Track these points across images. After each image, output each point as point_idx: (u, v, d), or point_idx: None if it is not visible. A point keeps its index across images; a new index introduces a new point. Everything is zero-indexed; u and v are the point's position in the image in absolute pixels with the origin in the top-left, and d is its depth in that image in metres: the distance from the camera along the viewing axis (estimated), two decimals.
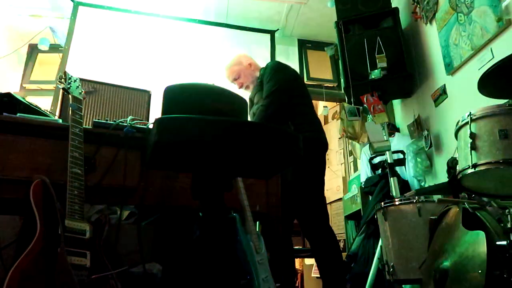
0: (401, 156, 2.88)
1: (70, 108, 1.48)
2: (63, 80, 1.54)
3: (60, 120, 1.65)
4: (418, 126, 3.12)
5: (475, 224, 1.28)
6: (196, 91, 1.34)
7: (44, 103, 3.60)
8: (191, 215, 1.91)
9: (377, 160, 3.24)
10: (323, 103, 5.24)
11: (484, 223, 1.26)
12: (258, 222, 2.05)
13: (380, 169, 3.06)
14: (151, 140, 1.12)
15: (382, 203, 2.09)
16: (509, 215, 1.20)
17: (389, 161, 2.71)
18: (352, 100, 3.12)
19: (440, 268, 1.34)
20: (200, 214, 1.27)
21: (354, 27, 3.25)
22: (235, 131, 1.11)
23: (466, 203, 1.37)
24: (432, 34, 3.02)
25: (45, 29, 4.05)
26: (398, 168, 2.82)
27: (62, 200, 1.30)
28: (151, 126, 1.64)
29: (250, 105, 2.50)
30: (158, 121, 1.08)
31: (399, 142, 3.26)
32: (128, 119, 1.64)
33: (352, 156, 4.64)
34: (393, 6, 3.27)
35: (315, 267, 4.03)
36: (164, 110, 1.23)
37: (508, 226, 1.19)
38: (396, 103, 3.62)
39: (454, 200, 1.53)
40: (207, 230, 1.24)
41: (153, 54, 3.92)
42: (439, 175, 2.85)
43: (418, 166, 2.97)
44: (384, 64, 2.98)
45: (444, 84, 2.84)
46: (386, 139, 2.72)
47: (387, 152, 2.71)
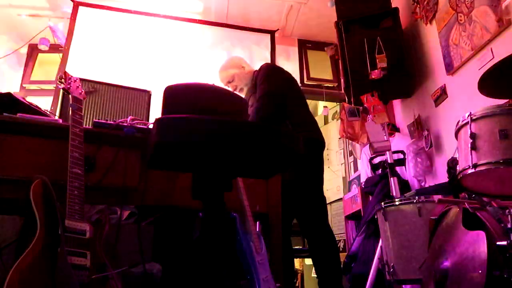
0: (401, 156, 2.89)
1: (70, 108, 1.48)
2: (63, 80, 1.54)
3: (60, 120, 1.65)
4: (418, 126, 3.12)
5: (475, 224, 1.28)
6: (196, 91, 1.34)
7: (44, 103, 3.60)
8: (191, 215, 1.91)
9: (377, 160, 3.24)
10: (323, 103, 5.24)
11: (484, 223, 1.25)
12: (258, 222, 2.05)
13: (380, 169, 3.06)
14: (151, 140, 1.12)
15: (382, 203, 2.09)
16: (509, 215, 1.20)
17: (389, 161, 2.71)
18: (352, 100, 3.12)
19: (440, 268, 1.34)
20: (200, 214, 1.27)
21: (354, 27, 3.25)
22: (235, 131, 1.11)
23: (466, 203, 1.37)
24: (432, 34, 3.02)
25: (45, 29, 4.04)
26: (398, 168, 2.83)
27: (62, 200, 1.30)
28: (151, 126, 1.65)
29: None
30: (158, 121, 1.08)
31: (399, 142, 3.27)
32: (128, 119, 1.64)
33: (352, 156, 4.64)
34: (393, 6, 3.27)
35: None
36: (164, 110, 1.22)
37: (508, 226, 1.19)
38: (396, 103, 3.62)
39: (454, 200, 1.53)
40: (207, 230, 1.24)
41: (153, 54, 3.92)
42: (439, 175, 2.85)
43: (418, 166, 2.97)
44: (384, 64, 2.98)
45: (444, 84, 2.84)
46: (386, 139, 2.72)
47: (387, 152, 2.71)
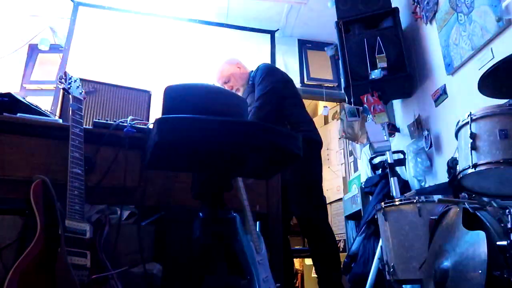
0: (401, 156, 2.89)
1: (71, 108, 1.48)
2: (63, 80, 1.54)
3: (61, 120, 1.65)
4: (418, 126, 3.12)
5: (476, 224, 1.28)
6: (196, 91, 1.34)
7: (44, 103, 3.60)
8: (191, 215, 1.91)
9: (377, 160, 3.24)
10: (323, 103, 5.24)
11: (484, 223, 1.26)
12: (258, 222, 2.05)
13: (380, 169, 3.06)
14: (151, 140, 1.12)
15: (383, 203, 2.09)
16: (509, 215, 1.20)
17: (389, 161, 2.71)
18: (352, 100, 3.12)
19: (440, 268, 1.34)
20: (200, 214, 1.27)
21: (354, 27, 3.25)
22: (235, 131, 1.11)
23: (467, 203, 1.37)
24: (432, 34, 3.02)
25: (45, 29, 4.04)
26: (398, 168, 2.82)
27: (63, 200, 1.30)
28: (151, 126, 1.65)
29: None
30: (158, 121, 1.08)
31: (399, 142, 3.27)
32: (128, 119, 1.64)
33: (352, 156, 4.64)
34: (393, 6, 3.27)
35: None
36: (164, 110, 1.22)
37: (509, 226, 1.19)
38: (396, 103, 3.62)
39: (454, 200, 1.53)
40: (207, 230, 1.24)
41: (153, 54, 3.92)
42: (439, 175, 2.85)
43: (418, 166, 2.97)
44: (384, 64, 2.98)
45: (444, 84, 2.84)
46: (386, 139, 2.73)
47: (387, 152, 2.71)
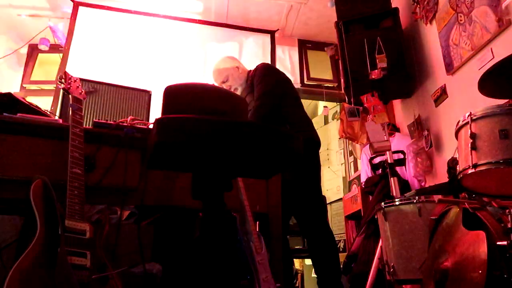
0: (401, 156, 2.88)
1: (70, 108, 1.48)
2: (63, 80, 1.54)
3: (61, 120, 1.65)
4: (418, 126, 3.12)
5: (476, 224, 1.28)
6: (196, 91, 1.34)
7: (44, 103, 3.61)
8: (191, 215, 1.91)
9: (377, 160, 3.23)
10: (323, 103, 5.24)
11: (484, 223, 1.26)
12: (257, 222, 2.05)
13: (380, 169, 3.05)
14: (151, 140, 1.12)
15: (383, 203, 2.09)
16: (509, 215, 1.20)
17: (389, 161, 2.71)
18: (352, 100, 3.13)
19: (441, 268, 1.34)
20: (200, 214, 1.27)
21: (354, 27, 3.25)
22: (235, 131, 1.11)
23: (467, 203, 1.37)
24: (432, 34, 3.02)
25: (45, 29, 4.04)
26: (398, 168, 2.82)
27: (62, 200, 1.30)
28: (151, 126, 1.65)
29: None
30: (158, 121, 1.08)
31: (399, 142, 3.26)
32: (128, 119, 1.64)
33: (352, 156, 4.64)
34: (393, 6, 3.27)
35: None
36: (164, 110, 1.22)
37: (509, 226, 1.19)
38: (396, 103, 3.62)
39: (454, 200, 1.53)
40: (207, 230, 1.24)
41: (153, 54, 3.92)
42: (439, 175, 2.85)
43: (418, 166, 2.97)
44: (384, 64, 2.98)
45: (444, 84, 2.84)
46: (386, 139, 2.72)
47: (387, 152, 2.70)
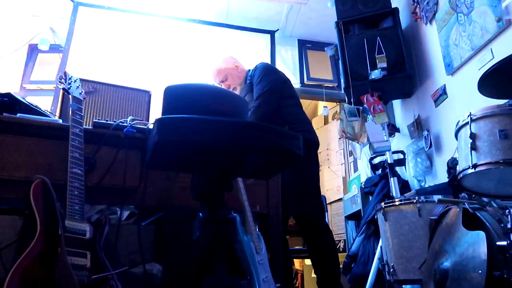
0: (401, 156, 2.89)
1: (70, 108, 1.48)
2: (63, 80, 1.54)
3: (60, 120, 1.65)
4: (418, 126, 3.12)
5: (475, 224, 1.28)
6: (196, 91, 1.34)
7: (44, 103, 3.60)
8: (191, 215, 1.90)
9: (377, 160, 3.24)
10: (323, 103, 5.24)
11: (484, 223, 1.26)
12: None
13: (380, 169, 3.06)
14: (151, 140, 1.12)
15: (383, 203, 2.09)
16: (509, 215, 1.20)
17: (389, 161, 2.71)
18: (352, 100, 3.13)
19: (440, 269, 1.34)
20: (200, 214, 1.27)
21: (354, 27, 3.25)
22: (235, 131, 1.11)
23: (466, 203, 1.37)
24: (432, 34, 3.02)
25: (45, 29, 4.04)
26: (398, 168, 2.83)
27: (62, 200, 1.30)
28: (151, 126, 1.65)
29: None
30: (158, 121, 1.08)
31: (399, 142, 3.27)
32: (128, 119, 1.64)
33: (352, 156, 4.64)
34: (393, 6, 3.27)
35: None
36: (164, 110, 1.22)
37: (508, 226, 1.19)
38: (396, 103, 3.62)
39: (454, 201, 1.53)
40: (207, 230, 1.24)
41: (153, 54, 3.92)
42: (439, 175, 2.85)
43: (418, 166, 2.97)
44: (384, 64, 2.98)
45: (444, 84, 2.84)
46: (386, 139, 2.73)
47: (387, 152, 2.71)
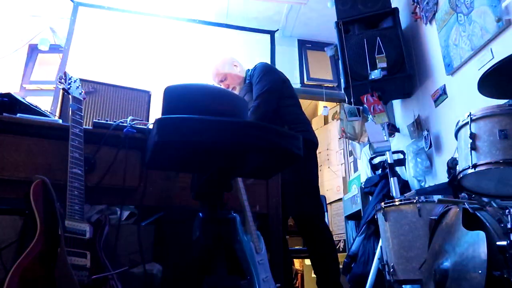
0: (401, 156, 2.89)
1: (70, 108, 1.48)
2: (63, 80, 1.54)
3: (60, 121, 1.65)
4: (418, 126, 3.12)
5: (475, 224, 1.28)
6: (196, 91, 1.34)
7: (44, 103, 3.61)
8: (191, 215, 1.91)
9: (377, 160, 3.24)
10: (323, 103, 5.24)
11: (484, 223, 1.26)
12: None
13: (380, 169, 3.06)
14: (151, 140, 1.12)
15: (382, 204, 2.09)
16: (509, 215, 1.20)
17: (389, 161, 2.71)
18: (352, 100, 3.13)
19: (440, 269, 1.34)
20: (200, 214, 1.27)
21: (354, 27, 3.25)
22: (235, 131, 1.12)
23: (466, 203, 1.37)
24: (432, 35, 3.02)
25: (45, 29, 4.04)
26: (398, 168, 2.83)
27: (62, 200, 1.30)
28: (151, 127, 1.65)
29: None
30: (158, 121, 1.08)
31: (399, 142, 3.27)
32: (128, 119, 1.64)
33: (352, 156, 4.64)
34: (393, 6, 3.27)
35: None
36: (164, 110, 1.22)
37: (508, 226, 1.19)
38: (396, 103, 3.62)
39: (454, 201, 1.53)
40: (207, 230, 1.24)
41: (153, 54, 3.92)
42: (439, 175, 2.85)
43: (418, 166, 2.97)
44: (384, 65, 2.98)
45: (444, 84, 2.84)
46: (386, 140, 2.73)
47: (387, 152, 2.71)
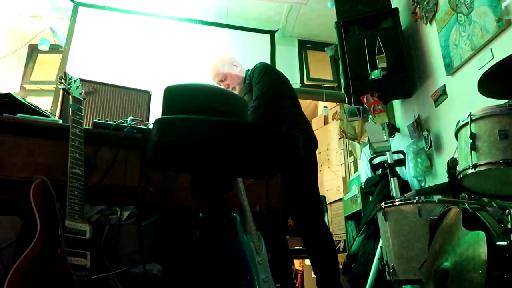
0: (401, 156, 2.88)
1: (70, 108, 1.48)
2: (63, 80, 1.54)
3: (60, 121, 1.65)
4: (418, 127, 3.12)
5: (475, 224, 1.28)
6: (196, 91, 1.34)
7: (44, 103, 3.60)
8: (191, 216, 1.91)
9: (377, 160, 3.23)
10: (323, 103, 5.25)
11: (484, 223, 1.26)
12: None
13: (380, 169, 3.06)
14: (151, 140, 1.12)
15: (383, 204, 2.09)
16: (509, 216, 1.20)
17: (389, 161, 2.71)
18: (352, 100, 3.13)
19: (440, 269, 1.34)
20: (200, 215, 1.27)
21: (354, 27, 3.25)
22: (235, 131, 1.11)
23: (466, 203, 1.37)
24: (432, 35, 3.02)
25: (45, 29, 4.05)
26: (398, 169, 2.82)
27: (62, 200, 1.30)
28: (151, 127, 1.64)
29: None
30: (158, 121, 1.08)
31: (399, 142, 3.26)
32: (128, 119, 1.64)
33: (352, 156, 4.64)
34: (393, 6, 3.27)
35: None
36: (164, 110, 1.22)
37: (509, 226, 1.19)
38: (396, 103, 3.62)
39: (454, 201, 1.53)
40: (207, 230, 1.24)
41: (153, 54, 3.92)
42: (439, 176, 2.85)
43: (418, 167, 2.97)
44: (384, 65, 2.98)
45: (444, 84, 2.84)
46: (386, 140, 2.72)
47: (387, 152, 2.70)
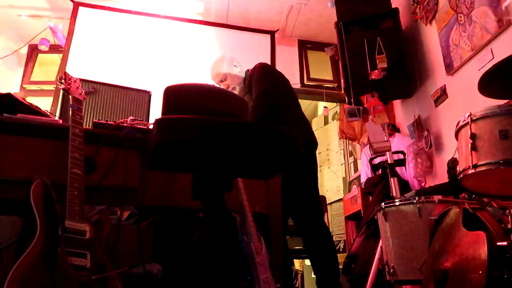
0: (401, 156, 2.88)
1: (70, 108, 1.48)
2: (63, 80, 1.54)
3: (60, 121, 1.65)
4: (418, 127, 3.12)
5: (476, 224, 1.28)
6: (196, 91, 1.34)
7: (44, 103, 3.61)
8: (191, 216, 1.91)
9: (377, 160, 3.23)
10: (323, 103, 5.25)
11: (484, 223, 1.26)
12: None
13: (381, 169, 3.05)
14: (151, 140, 1.12)
15: (383, 204, 2.09)
16: (509, 216, 1.20)
17: (389, 161, 2.71)
18: (352, 100, 3.12)
19: (441, 269, 1.34)
20: (201, 215, 1.27)
21: (354, 27, 3.26)
22: (235, 131, 1.11)
23: (467, 203, 1.37)
24: (432, 35, 3.02)
25: (45, 29, 4.04)
26: (398, 169, 2.82)
27: (62, 200, 1.30)
28: (151, 127, 1.65)
29: None
30: (158, 121, 1.08)
31: (399, 142, 3.26)
32: (128, 119, 1.64)
33: (352, 156, 4.64)
34: (393, 6, 3.27)
35: None
36: (164, 111, 1.22)
37: (509, 226, 1.19)
38: (396, 103, 3.62)
39: (454, 201, 1.53)
40: (207, 230, 1.24)
41: (153, 54, 3.92)
42: (439, 176, 2.85)
43: (418, 167, 2.97)
44: (384, 65, 2.98)
45: (444, 85, 2.84)
46: (386, 140, 2.72)
47: (387, 152, 2.70)
